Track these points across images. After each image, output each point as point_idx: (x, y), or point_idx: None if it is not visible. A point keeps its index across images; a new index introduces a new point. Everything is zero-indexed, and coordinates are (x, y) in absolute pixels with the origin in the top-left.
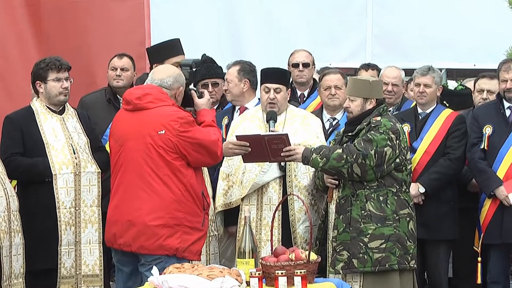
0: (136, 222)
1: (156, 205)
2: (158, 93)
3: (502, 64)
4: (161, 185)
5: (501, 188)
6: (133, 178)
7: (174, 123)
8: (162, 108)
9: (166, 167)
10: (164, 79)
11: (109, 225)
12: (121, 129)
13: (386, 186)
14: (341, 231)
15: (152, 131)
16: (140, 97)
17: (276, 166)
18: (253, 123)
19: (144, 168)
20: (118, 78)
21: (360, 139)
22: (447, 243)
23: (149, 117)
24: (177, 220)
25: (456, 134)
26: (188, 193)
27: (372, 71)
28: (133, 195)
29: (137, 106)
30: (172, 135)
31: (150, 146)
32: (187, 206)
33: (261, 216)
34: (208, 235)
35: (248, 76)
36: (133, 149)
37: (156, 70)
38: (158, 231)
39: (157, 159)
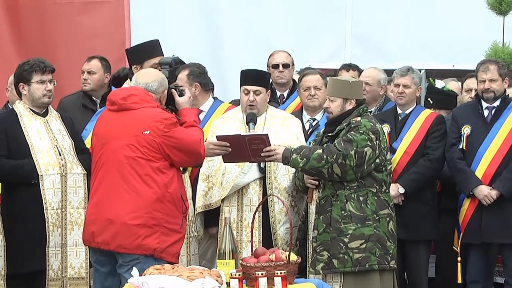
0: (115, 220)
1: (136, 205)
2: (143, 95)
3: (480, 65)
4: (142, 184)
5: (480, 187)
6: (114, 177)
7: (159, 124)
8: (147, 109)
9: (148, 167)
10: (149, 83)
11: (88, 223)
12: (105, 128)
13: (366, 187)
14: (321, 231)
15: (137, 131)
16: (125, 98)
17: (256, 168)
18: (233, 124)
19: (126, 167)
20: (85, 82)
21: (340, 139)
22: (427, 243)
23: (134, 117)
24: (156, 220)
25: (435, 135)
26: (168, 194)
27: (353, 71)
28: (114, 194)
29: (122, 107)
30: (157, 136)
31: (134, 145)
32: (167, 207)
33: (241, 217)
34: (188, 236)
35: (198, 79)
36: (116, 148)
37: (140, 73)
38: (137, 231)
39: (139, 159)
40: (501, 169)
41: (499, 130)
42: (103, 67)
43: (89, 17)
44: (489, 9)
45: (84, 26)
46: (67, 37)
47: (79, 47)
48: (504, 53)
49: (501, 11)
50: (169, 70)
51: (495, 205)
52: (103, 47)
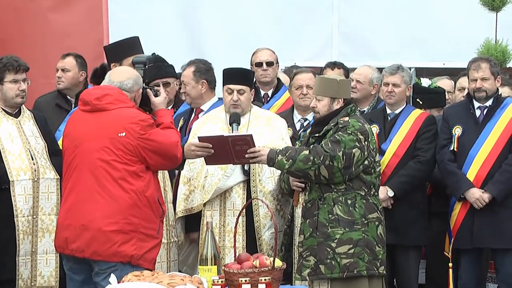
0: (90, 226)
1: (111, 210)
2: (118, 94)
3: (472, 63)
4: (118, 188)
5: (471, 190)
6: (88, 180)
7: (135, 126)
8: (123, 110)
9: (124, 170)
10: (123, 82)
11: (61, 229)
12: (77, 129)
13: (354, 189)
14: (308, 236)
15: (112, 133)
16: (99, 98)
17: (240, 170)
18: (216, 124)
19: (101, 171)
20: (59, 80)
21: (327, 140)
22: (417, 248)
23: (109, 119)
24: (132, 226)
25: (426, 136)
26: (145, 199)
27: (339, 69)
28: (88, 198)
29: (96, 107)
30: (133, 138)
31: (109, 148)
32: (143, 211)
33: (224, 221)
34: (168, 241)
35: (205, 76)
36: (89, 151)
37: (114, 71)
38: (113, 237)
39: (115, 162)
40: (494, 171)
41: (491, 131)
42: (78, 64)
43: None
44: (481, 5)
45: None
46: (42, 35)
47: (55, 45)
48: (497, 50)
49: (493, 7)
50: (144, 69)
51: (487, 208)
52: (80, 44)
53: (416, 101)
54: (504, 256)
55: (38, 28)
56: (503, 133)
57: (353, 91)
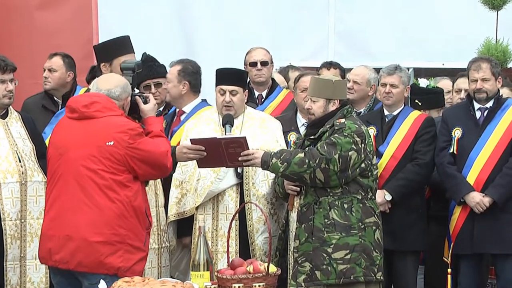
0: (75, 237)
1: (97, 220)
2: (106, 102)
3: (472, 63)
4: (104, 198)
5: (471, 194)
6: (74, 190)
7: (124, 135)
8: (111, 118)
9: (110, 179)
10: (111, 90)
11: (45, 239)
12: (63, 137)
13: (350, 193)
14: (303, 241)
15: (100, 142)
16: (87, 105)
17: (233, 173)
18: (208, 126)
19: (87, 180)
20: (46, 80)
21: (323, 142)
22: (415, 254)
23: (97, 127)
24: (119, 237)
25: (424, 138)
26: (132, 209)
27: (335, 70)
28: (73, 208)
29: (84, 115)
30: (121, 147)
31: (96, 157)
32: (130, 222)
33: (217, 226)
34: (160, 246)
35: (189, 78)
36: (75, 159)
37: (101, 79)
38: (99, 248)
39: (101, 171)
40: (494, 174)
41: (492, 133)
42: (66, 64)
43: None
44: (481, 3)
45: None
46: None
47: (42, 44)
48: (497, 50)
49: (494, 5)
50: (132, 75)
51: (488, 213)
52: (68, 43)
53: (415, 102)
54: (505, 262)
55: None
56: (504, 135)
57: (350, 92)
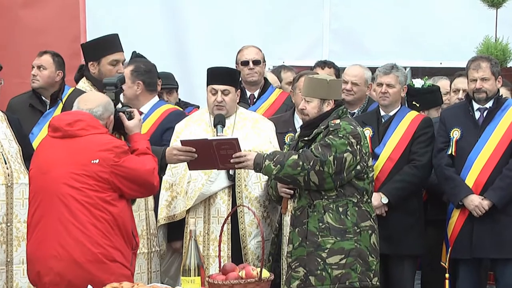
0: (63, 257)
1: (85, 239)
2: (90, 120)
3: (471, 62)
4: (90, 217)
5: (470, 197)
6: (58, 209)
7: (109, 153)
8: (96, 136)
9: (96, 197)
10: (92, 109)
11: (32, 262)
12: (46, 156)
13: (346, 196)
14: (297, 245)
15: (85, 160)
16: (71, 124)
17: (225, 175)
18: (199, 127)
19: (71, 199)
20: (34, 78)
21: (317, 144)
22: (412, 259)
23: (81, 145)
24: (107, 256)
25: (422, 139)
26: (117, 228)
27: (329, 69)
28: (59, 228)
29: (67, 133)
30: (107, 165)
31: (80, 175)
32: (117, 241)
33: (208, 229)
34: (149, 251)
35: (142, 77)
36: (59, 178)
37: (82, 98)
38: (88, 267)
39: (86, 189)
40: (494, 177)
41: (491, 134)
42: (55, 63)
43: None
44: (480, 0)
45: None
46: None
47: (28, 42)
48: (497, 49)
49: (493, 3)
50: (115, 91)
51: (487, 216)
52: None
53: (413, 104)
54: (505, 267)
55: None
56: (504, 136)
57: (349, 94)
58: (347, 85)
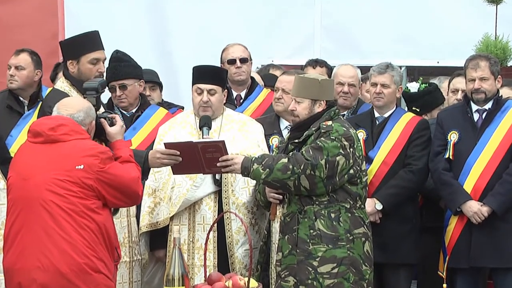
0: (47, 268)
1: (69, 249)
2: (73, 125)
3: (470, 61)
4: (75, 226)
5: (469, 203)
6: (41, 217)
7: (94, 159)
8: (79, 141)
9: (80, 205)
10: (73, 115)
11: (11, 274)
12: (26, 162)
13: (338, 202)
14: (287, 253)
15: (68, 165)
16: (54, 128)
17: (211, 180)
18: (184, 129)
19: (54, 206)
20: (12, 79)
21: (308, 146)
22: (408, 268)
23: (65, 151)
24: (92, 267)
25: (418, 142)
26: (102, 238)
27: (321, 68)
28: (42, 236)
29: (50, 138)
30: (92, 172)
31: (64, 181)
32: (101, 251)
33: (193, 237)
34: (131, 259)
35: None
36: (42, 184)
37: (62, 104)
38: (72, 279)
39: (71, 197)
40: (493, 182)
41: (491, 137)
42: (34, 62)
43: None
44: None
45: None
46: None
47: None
48: (497, 47)
49: None
50: (96, 96)
51: (487, 223)
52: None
53: (413, 110)
54: (505, 277)
55: None
56: (504, 139)
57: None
58: (343, 88)
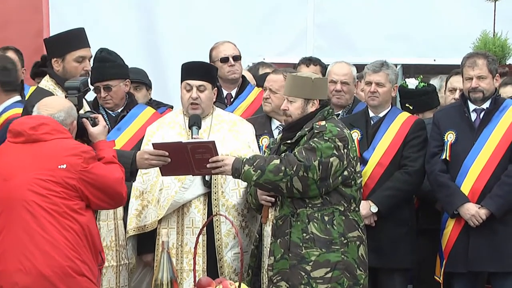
0: (29, 271)
1: (52, 251)
2: (55, 124)
3: (467, 59)
4: (58, 227)
5: (466, 205)
6: (22, 218)
7: (78, 158)
8: (62, 141)
9: (63, 206)
10: (54, 115)
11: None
12: (7, 162)
13: (332, 204)
14: (279, 258)
15: (51, 165)
16: (35, 127)
17: (200, 182)
18: (172, 129)
19: (36, 207)
20: None
21: (301, 147)
22: (404, 272)
23: (47, 150)
24: (76, 270)
25: (414, 143)
26: (85, 240)
27: (315, 66)
28: (24, 238)
29: (31, 138)
30: (75, 171)
31: (46, 181)
32: (85, 254)
33: (182, 241)
34: (118, 264)
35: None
36: (23, 185)
37: (42, 103)
38: (55, 282)
39: (53, 197)
40: (492, 183)
41: (488, 137)
42: (20, 61)
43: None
44: None
45: None
46: None
47: None
48: (495, 45)
49: None
50: (78, 95)
51: (485, 226)
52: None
53: (406, 106)
54: (504, 281)
55: None
56: (502, 139)
57: (339, 95)
58: (336, 86)
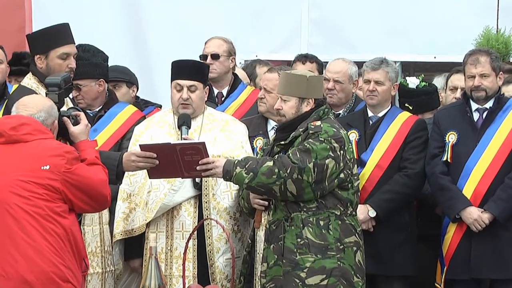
0: (11, 276)
1: (35, 256)
2: (36, 124)
3: (469, 56)
4: (41, 230)
5: (468, 209)
6: (4, 221)
7: (61, 159)
8: (44, 141)
9: (46, 209)
10: (34, 115)
11: None
12: None
13: (327, 208)
14: (272, 264)
15: (33, 166)
16: (15, 128)
17: (190, 184)
18: (161, 129)
19: (18, 210)
20: None
21: (295, 149)
22: (403, 279)
23: (28, 151)
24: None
25: (414, 144)
26: (69, 245)
27: (311, 64)
28: (6, 242)
29: (11, 138)
30: (58, 172)
31: (28, 183)
32: (69, 260)
33: (171, 246)
34: (104, 270)
35: None
36: (4, 187)
37: (21, 103)
38: None
39: (36, 199)
40: (495, 186)
41: (492, 138)
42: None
43: None
44: None
45: None
46: None
47: None
48: (499, 41)
49: None
50: (59, 93)
51: (487, 232)
52: None
53: (405, 106)
54: None
55: None
56: (506, 140)
57: (331, 93)
58: (328, 84)
